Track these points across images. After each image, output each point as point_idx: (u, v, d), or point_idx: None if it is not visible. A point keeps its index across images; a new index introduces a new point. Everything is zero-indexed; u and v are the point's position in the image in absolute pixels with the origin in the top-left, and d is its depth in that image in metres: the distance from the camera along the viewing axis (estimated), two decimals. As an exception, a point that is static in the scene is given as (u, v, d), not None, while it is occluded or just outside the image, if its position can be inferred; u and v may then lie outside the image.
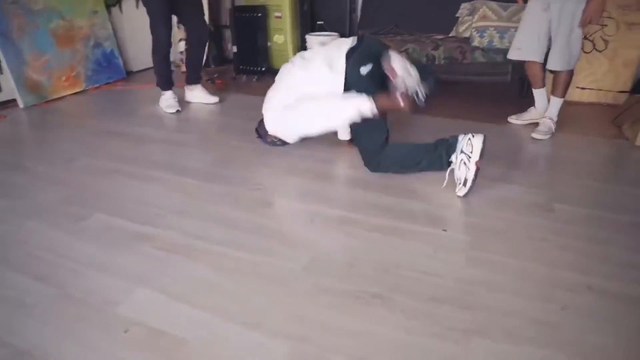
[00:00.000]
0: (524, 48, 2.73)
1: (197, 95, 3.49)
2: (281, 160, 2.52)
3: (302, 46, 4.20)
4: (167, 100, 3.31)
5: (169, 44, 3.16)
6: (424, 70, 2.22)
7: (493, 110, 3.27)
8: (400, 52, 3.49)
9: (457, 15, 3.89)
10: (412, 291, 1.45)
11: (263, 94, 2.56)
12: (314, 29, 4.21)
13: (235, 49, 4.14)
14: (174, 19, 3.21)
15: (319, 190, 2.16)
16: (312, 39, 4.00)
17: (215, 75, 4.18)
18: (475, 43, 3.50)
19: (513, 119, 3.06)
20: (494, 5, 3.50)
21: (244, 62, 4.17)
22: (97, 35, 3.89)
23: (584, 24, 2.47)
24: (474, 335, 1.29)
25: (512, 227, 1.82)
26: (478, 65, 3.49)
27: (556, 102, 2.76)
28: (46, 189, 2.14)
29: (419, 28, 4.02)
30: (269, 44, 4.15)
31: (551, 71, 2.78)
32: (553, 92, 2.76)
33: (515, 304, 1.40)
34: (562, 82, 2.68)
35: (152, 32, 3.09)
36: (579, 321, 1.34)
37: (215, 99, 3.49)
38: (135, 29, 4.19)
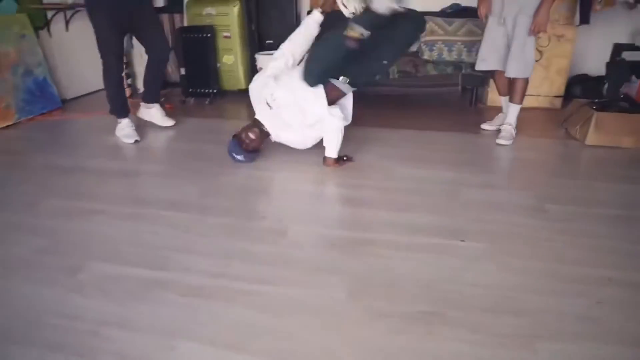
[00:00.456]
0: (488, 59, 2.95)
1: (154, 114, 3.30)
2: (270, 185, 2.44)
3: (252, 66, 4.12)
4: (124, 130, 3.07)
5: (120, 69, 2.97)
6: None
7: (455, 119, 3.46)
8: None
9: (403, 31, 4.06)
10: (462, 304, 1.47)
11: (219, 117, 2.47)
12: (262, 48, 4.15)
13: (183, 71, 3.95)
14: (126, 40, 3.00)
15: (325, 212, 2.13)
16: (262, 58, 3.95)
17: (162, 99, 3.94)
18: (426, 56, 3.69)
19: (486, 126, 3.27)
20: (439, 20, 3.72)
21: (193, 85, 3.99)
22: (27, 61, 3.50)
23: (532, 33, 2.71)
24: (534, 339, 1.33)
25: (517, 231, 1.92)
26: (430, 77, 3.67)
27: (514, 109, 2.98)
28: (19, 241, 1.86)
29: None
30: (218, 65, 4.02)
31: (509, 79, 3.00)
32: (511, 99, 2.98)
33: (555, 304, 1.48)
34: (519, 89, 2.91)
35: (102, 57, 2.87)
36: (616, 313, 1.44)
37: (171, 122, 3.32)
38: (68, 53, 3.84)
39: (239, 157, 2.56)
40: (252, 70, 4.14)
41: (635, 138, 2.81)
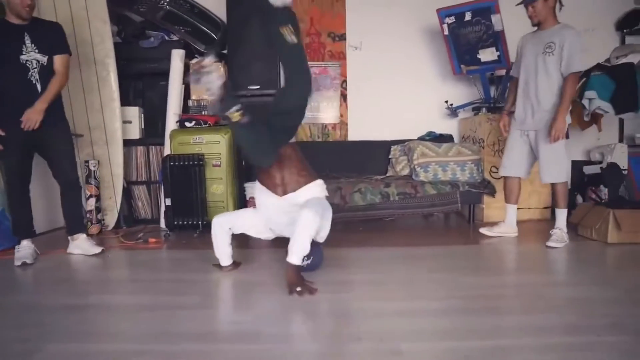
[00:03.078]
0: (508, 166, 3.12)
1: (81, 245, 3.00)
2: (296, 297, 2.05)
3: (241, 196, 3.88)
4: (22, 251, 2.78)
5: (25, 190, 2.85)
6: None
7: (463, 234, 3.42)
8: (353, 192, 3.60)
9: (390, 157, 4.20)
10: None
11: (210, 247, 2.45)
12: (250, 177, 3.98)
13: (168, 202, 3.58)
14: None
15: (422, 325, 1.78)
16: (252, 187, 3.76)
17: (141, 234, 3.46)
18: (422, 177, 3.76)
19: (485, 230, 3.28)
20: (428, 144, 3.91)
21: (178, 216, 3.60)
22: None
23: (553, 140, 2.87)
24: None
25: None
26: (430, 197, 3.69)
27: (560, 214, 3.03)
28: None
29: (352, 172, 4.17)
30: (206, 195, 3.72)
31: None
32: (555, 204, 3.07)
33: None
34: (560, 194, 3.01)
35: (4, 175, 2.89)
36: None
37: (98, 249, 2.99)
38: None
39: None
40: (241, 200, 3.89)
41: (651, 234, 2.93)
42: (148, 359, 1.49)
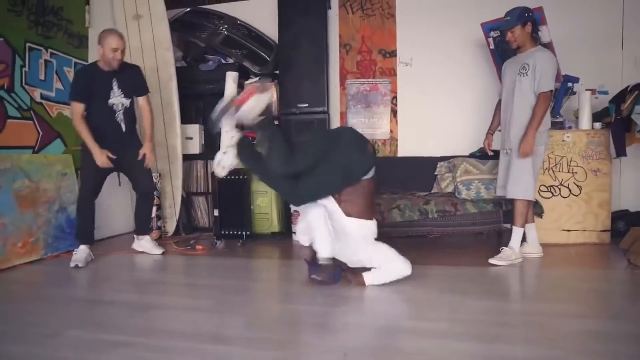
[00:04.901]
0: (502, 186, 3.12)
1: (144, 245, 3.50)
2: (318, 309, 2.13)
3: (286, 209, 4.08)
4: (78, 254, 3.13)
5: (92, 202, 3.21)
6: None
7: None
8: (391, 208, 3.61)
9: (435, 173, 4.14)
10: None
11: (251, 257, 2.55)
12: (295, 191, 4.17)
13: (216, 212, 3.89)
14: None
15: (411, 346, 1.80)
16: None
17: (192, 242, 3.80)
18: (464, 195, 3.66)
19: (494, 260, 3.07)
20: (472, 161, 3.80)
21: (225, 226, 3.89)
22: (63, 199, 3.46)
23: (522, 156, 2.95)
24: None
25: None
26: (470, 215, 3.58)
27: (516, 232, 3.05)
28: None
29: (399, 187, 4.16)
30: (252, 207, 3.98)
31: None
32: (513, 221, 3.08)
33: None
34: (517, 212, 3.04)
35: (79, 188, 3.32)
36: None
37: (160, 250, 3.48)
38: (101, 194, 3.82)
39: (320, 278, 2.41)
40: (286, 213, 4.08)
41: None
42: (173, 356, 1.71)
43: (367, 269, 2.51)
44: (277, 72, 4.42)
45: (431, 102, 4.46)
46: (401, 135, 4.62)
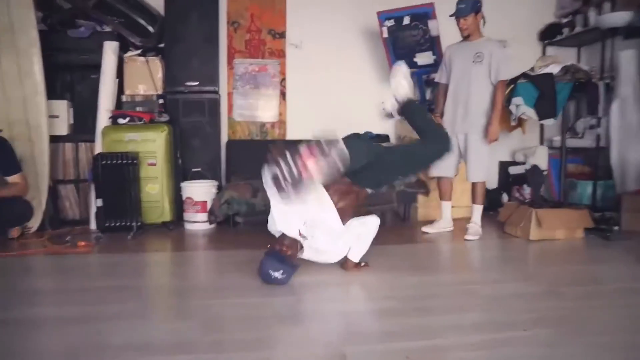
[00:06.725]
0: (440, 166, 3.25)
1: None
2: (268, 301, 2.05)
3: (177, 196, 3.75)
4: None
5: None
6: None
7: (398, 233, 3.54)
8: None
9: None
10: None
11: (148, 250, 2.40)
12: (186, 177, 3.86)
13: (100, 202, 3.39)
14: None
15: (375, 327, 1.84)
16: (188, 187, 3.67)
17: (69, 237, 3.25)
18: (361, 177, 3.85)
19: (427, 229, 3.46)
20: (367, 145, 4.00)
21: (110, 218, 3.42)
22: None
23: (489, 142, 3.18)
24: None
25: (562, 314, 1.90)
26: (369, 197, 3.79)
27: (477, 209, 3.32)
28: None
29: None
30: (140, 195, 3.57)
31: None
32: (474, 201, 3.34)
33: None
34: (479, 192, 3.32)
35: None
36: None
37: None
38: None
39: (278, 274, 2.13)
40: (177, 200, 3.76)
41: (565, 230, 3.21)
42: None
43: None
44: (162, 45, 4.00)
45: (321, 85, 4.54)
46: (290, 118, 4.63)
